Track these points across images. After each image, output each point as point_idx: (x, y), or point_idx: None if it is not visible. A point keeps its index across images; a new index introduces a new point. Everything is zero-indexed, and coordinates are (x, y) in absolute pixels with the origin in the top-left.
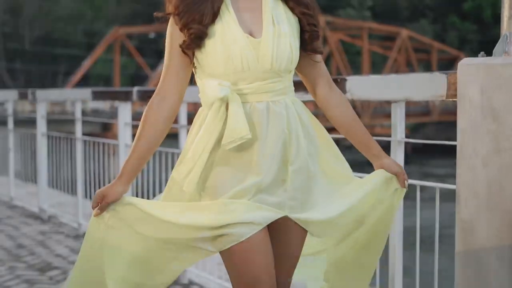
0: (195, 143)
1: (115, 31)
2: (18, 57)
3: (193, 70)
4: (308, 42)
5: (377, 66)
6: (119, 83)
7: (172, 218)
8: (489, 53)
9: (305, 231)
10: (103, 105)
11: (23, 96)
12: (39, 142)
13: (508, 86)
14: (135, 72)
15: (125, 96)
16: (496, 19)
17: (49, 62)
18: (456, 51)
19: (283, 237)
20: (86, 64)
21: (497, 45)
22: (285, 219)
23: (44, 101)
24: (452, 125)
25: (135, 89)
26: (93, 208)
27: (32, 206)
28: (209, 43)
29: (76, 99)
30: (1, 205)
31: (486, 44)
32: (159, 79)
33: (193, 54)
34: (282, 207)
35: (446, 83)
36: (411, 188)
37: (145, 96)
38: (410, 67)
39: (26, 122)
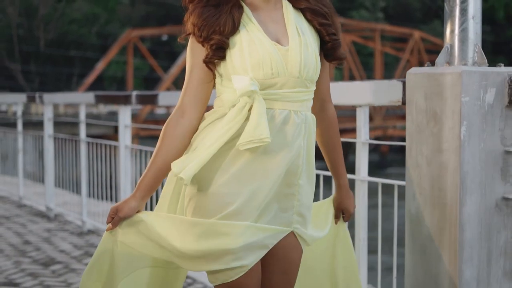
0: (206, 135)
1: (128, 33)
2: (32, 59)
3: (215, 84)
4: (331, 51)
5: (390, 68)
6: (132, 85)
7: (173, 243)
8: (501, 54)
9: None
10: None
11: (31, 99)
12: (46, 143)
13: (447, 92)
14: (148, 74)
15: (125, 100)
16: (509, 20)
17: (64, 64)
18: None
19: (283, 252)
20: (100, 66)
21: (439, 55)
22: (289, 235)
23: (50, 104)
24: None
25: (134, 93)
26: (107, 223)
27: (39, 205)
28: (234, 52)
29: (81, 102)
30: (11, 204)
31: (499, 45)
32: (171, 81)
33: (215, 68)
34: (290, 223)
35: (401, 90)
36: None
37: (144, 100)
38: None
39: (37, 124)
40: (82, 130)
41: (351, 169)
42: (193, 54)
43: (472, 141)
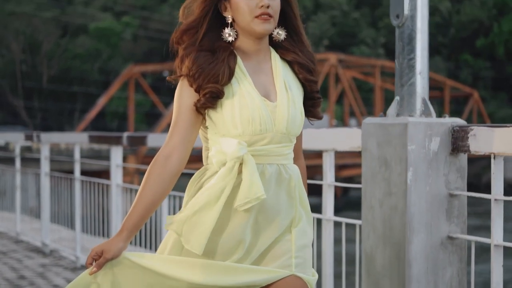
0: (202, 198)
1: (129, 69)
2: (35, 95)
3: (202, 130)
4: (310, 109)
5: (390, 103)
6: (133, 120)
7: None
8: (501, 90)
9: None
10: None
11: (29, 138)
12: (42, 181)
13: (395, 141)
14: (150, 109)
15: (116, 141)
16: (510, 56)
17: (66, 100)
18: (469, 88)
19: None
20: (101, 102)
21: (390, 107)
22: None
23: (47, 143)
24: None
25: (125, 134)
26: (88, 264)
27: (35, 240)
28: (226, 104)
29: (76, 142)
30: (8, 240)
31: (499, 81)
32: (171, 117)
33: (205, 113)
34: (289, 265)
35: (360, 137)
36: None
37: (134, 141)
38: None
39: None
40: (77, 169)
41: (317, 209)
42: (184, 96)
43: (418, 185)
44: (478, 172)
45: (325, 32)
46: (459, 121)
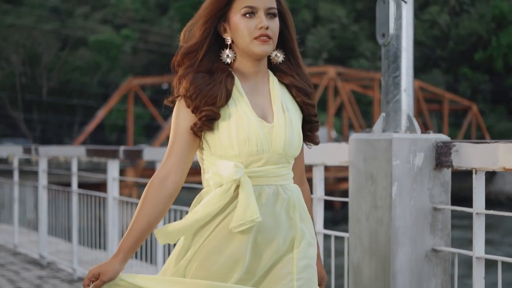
0: (193, 217)
1: (129, 82)
2: (35, 107)
3: (199, 151)
4: (308, 133)
5: None
6: (132, 133)
7: None
8: (500, 103)
9: None
10: None
11: (27, 151)
12: (40, 194)
13: (381, 156)
14: (149, 122)
15: (113, 154)
16: (508, 69)
17: (66, 112)
18: (467, 101)
19: None
20: (100, 115)
21: (376, 123)
22: None
23: (45, 156)
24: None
25: (122, 148)
26: (85, 286)
27: (33, 253)
28: (222, 125)
29: (73, 155)
30: (6, 252)
31: (498, 94)
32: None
33: (202, 135)
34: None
35: (348, 152)
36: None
37: (130, 155)
38: (421, 117)
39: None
40: (74, 182)
41: None
42: (181, 117)
43: (403, 199)
44: None
45: (324, 45)
46: (442, 137)
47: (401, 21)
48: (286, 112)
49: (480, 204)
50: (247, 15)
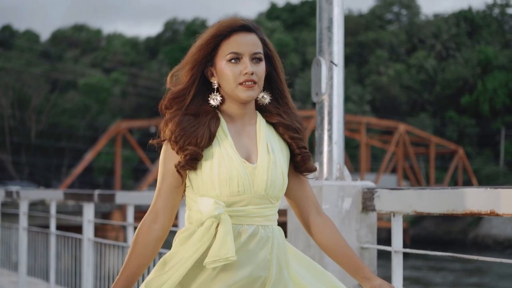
0: (177, 254)
1: (117, 125)
2: (23, 150)
3: (186, 194)
4: (300, 164)
5: (377, 159)
6: (120, 176)
7: None
8: (487, 146)
9: None
10: None
11: (9, 195)
12: (20, 235)
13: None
14: (138, 165)
15: (88, 198)
16: (494, 113)
17: (54, 155)
18: (454, 145)
19: None
20: (88, 157)
21: None
22: None
23: (26, 199)
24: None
25: (96, 192)
26: None
27: None
28: (205, 165)
29: (52, 198)
30: None
31: (485, 137)
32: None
33: (186, 175)
34: None
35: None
36: None
37: (103, 198)
38: (408, 161)
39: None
40: (53, 224)
41: None
42: (167, 160)
43: None
44: (464, 229)
45: None
46: (369, 184)
47: (332, 82)
48: (271, 153)
49: (399, 243)
50: (232, 60)
